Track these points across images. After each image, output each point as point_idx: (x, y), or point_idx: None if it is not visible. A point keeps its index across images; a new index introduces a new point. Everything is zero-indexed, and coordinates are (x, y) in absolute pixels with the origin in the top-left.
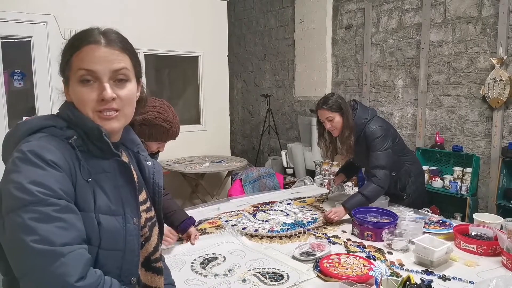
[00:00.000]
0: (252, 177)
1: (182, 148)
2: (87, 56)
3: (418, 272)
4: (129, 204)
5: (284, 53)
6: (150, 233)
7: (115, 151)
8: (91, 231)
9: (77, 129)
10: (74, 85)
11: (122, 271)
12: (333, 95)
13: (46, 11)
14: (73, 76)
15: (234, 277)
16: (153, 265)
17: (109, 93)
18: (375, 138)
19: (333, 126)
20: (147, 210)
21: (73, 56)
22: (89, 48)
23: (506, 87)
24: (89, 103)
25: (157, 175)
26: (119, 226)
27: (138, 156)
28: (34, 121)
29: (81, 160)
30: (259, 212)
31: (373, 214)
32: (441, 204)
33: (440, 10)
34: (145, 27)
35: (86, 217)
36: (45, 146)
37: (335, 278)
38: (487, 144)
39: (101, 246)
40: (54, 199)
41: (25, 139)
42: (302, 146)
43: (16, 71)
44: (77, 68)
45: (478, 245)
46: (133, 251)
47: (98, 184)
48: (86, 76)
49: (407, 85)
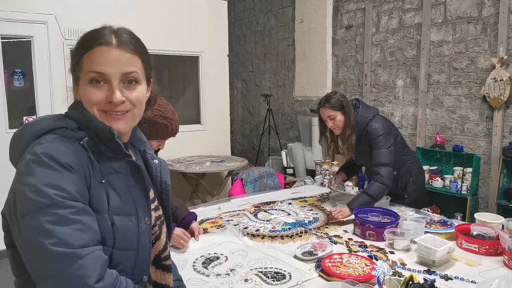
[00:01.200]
0: (253, 176)
1: (183, 148)
2: (98, 57)
3: (420, 272)
4: (141, 204)
5: (284, 53)
6: (160, 231)
7: (126, 152)
8: (105, 232)
9: (88, 130)
10: (84, 85)
11: (135, 270)
12: (336, 93)
13: (46, 11)
14: (83, 76)
15: (236, 277)
16: (163, 263)
17: (118, 97)
18: (377, 136)
19: (334, 125)
20: (155, 209)
21: (83, 56)
22: (100, 49)
23: (506, 87)
24: (97, 103)
25: (164, 174)
26: (132, 226)
27: (145, 155)
28: (43, 122)
29: (94, 161)
30: (260, 211)
31: (375, 213)
32: (442, 204)
33: (440, 10)
34: (146, 27)
35: (100, 218)
36: (59, 148)
37: (338, 277)
38: (487, 144)
39: (115, 247)
40: (70, 202)
41: (36, 141)
42: (302, 146)
43: (17, 70)
44: (88, 70)
45: (480, 245)
46: (145, 250)
47: (110, 185)
48: (97, 78)
49: (408, 85)
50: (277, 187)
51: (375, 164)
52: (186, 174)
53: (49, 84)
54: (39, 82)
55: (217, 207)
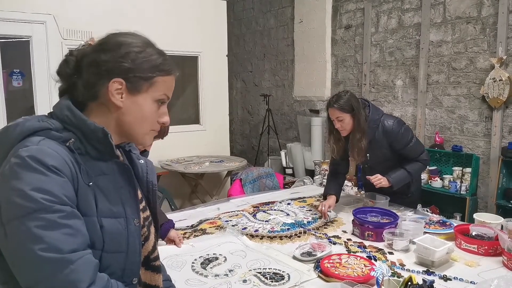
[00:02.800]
0: (252, 177)
1: (182, 148)
2: (171, 84)
3: (419, 272)
4: (130, 205)
5: (283, 53)
6: (148, 232)
7: (116, 153)
8: (94, 235)
9: (75, 131)
10: (148, 101)
11: (125, 272)
12: (347, 93)
13: (45, 11)
14: (152, 93)
15: (234, 277)
16: (152, 264)
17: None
18: (398, 132)
19: (342, 127)
20: (143, 210)
21: (158, 77)
22: (173, 79)
23: (505, 87)
24: (153, 122)
25: (150, 173)
26: (121, 228)
27: (130, 155)
28: (27, 123)
29: (81, 163)
30: (259, 212)
31: (374, 214)
32: (441, 204)
33: (439, 10)
34: (144, 27)
35: (89, 221)
36: (45, 151)
37: (336, 278)
38: (486, 144)
39: (104, 249)
40: (59, 206)
41: (21, 143)
42: (301, 146)
43: (15, 70)
44: (162, 92)
45: (479, 245)
46: (135, 252)
47: (98, 187)
48: (164, 100)
49: (407, 85)
50: (276, 187)
51: (413, 158)
52: (185, 174)
53: (47, 84)
54: (37, 82)
55: (216, 207)
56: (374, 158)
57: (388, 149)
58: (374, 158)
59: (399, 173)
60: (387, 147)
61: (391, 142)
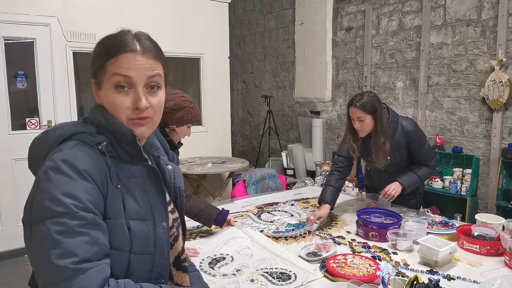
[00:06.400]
0: (255, 178)
1: (184, 149)
2: (124, 63)
3: (423, 272)
4: (158, 209)
5: (284, 55)
6: (178, 233)
7: (144, 156)
8: (122, 237)
9: (107, 134)
10: (109, 90)
11: (152, 275)
12: (370, 93)
13: (49, 13)
14: (107, 81)
15: (242, 277)
16: (182, 264)
17: (143, 103)
18: (417, 132)
19: (361, 127)
20: (172, 211)
21: (108, 62)
22: (125, 56)
23: (505, 89)
24: (124, 110)
25: (178, 179)
26: (149, 230)
27: (159, 161)
28: (64, 128)
29: (111, 166)
30: (263, 213)
31: (377, 214)
32: (441, 204)
33: (440, 13)
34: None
35: (116, 224)
36: (78, 155)
37: (342, 278)
38: (486, 145)
39: (132, 251)
40: (83, 213)
41: (57, 147)
42: (302, 147)
43: (19, 72)
44: (113, 73)
45: (481, 245)
46: (163, 254)
47: (127, 189)
48: (122, 83)
49: (407, 86)
50: (279, 188)
51: (424, 162)
52: (188, 175)
53: (51, 85)
54: (41, 83)
55: (219, 208)
56: (392, 160)
57: (405, 149)
58: (392, 160)
59: (410, 175)
60: (405, 148)
61: (410, 143)
